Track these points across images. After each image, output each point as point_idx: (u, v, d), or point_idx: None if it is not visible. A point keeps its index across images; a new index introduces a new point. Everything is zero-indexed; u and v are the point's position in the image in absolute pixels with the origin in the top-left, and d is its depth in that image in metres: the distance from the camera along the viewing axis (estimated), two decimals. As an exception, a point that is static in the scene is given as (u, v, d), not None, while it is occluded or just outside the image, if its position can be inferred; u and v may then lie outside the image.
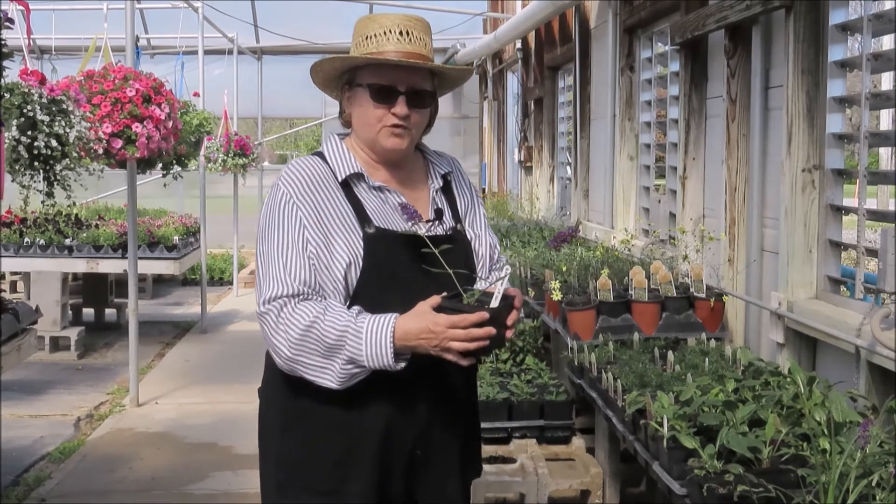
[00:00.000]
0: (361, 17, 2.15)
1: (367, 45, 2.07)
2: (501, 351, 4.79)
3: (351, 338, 1.93)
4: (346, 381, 1.97)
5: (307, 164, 2.11)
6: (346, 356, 1.94)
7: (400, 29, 2.07)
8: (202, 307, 8.53)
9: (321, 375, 1.98)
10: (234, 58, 10.54)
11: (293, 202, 2.04)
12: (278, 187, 2.08)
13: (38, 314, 4.65)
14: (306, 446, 2.10)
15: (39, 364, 6.93)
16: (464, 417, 2.26)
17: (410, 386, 2.07)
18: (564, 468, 3.86)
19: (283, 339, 1.97)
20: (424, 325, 1.92)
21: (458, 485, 2.25)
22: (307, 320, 1.95)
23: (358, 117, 2.12)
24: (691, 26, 4.02)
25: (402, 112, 2.07)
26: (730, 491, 2.11)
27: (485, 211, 2.36)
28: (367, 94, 2.08)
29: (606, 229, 5.63)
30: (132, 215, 5.94)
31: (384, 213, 2.09)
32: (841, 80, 3.14)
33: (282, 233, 2.03)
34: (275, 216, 2.05)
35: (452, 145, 12.62)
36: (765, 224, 3.55)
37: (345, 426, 2.07)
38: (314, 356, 1.96)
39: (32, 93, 3.71)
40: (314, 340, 1.95)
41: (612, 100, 5.58)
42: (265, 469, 2.21)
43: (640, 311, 3.67)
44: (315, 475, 2.09)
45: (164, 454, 5.00)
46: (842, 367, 2.89)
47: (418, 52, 2.07)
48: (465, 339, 1.92)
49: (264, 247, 2.05)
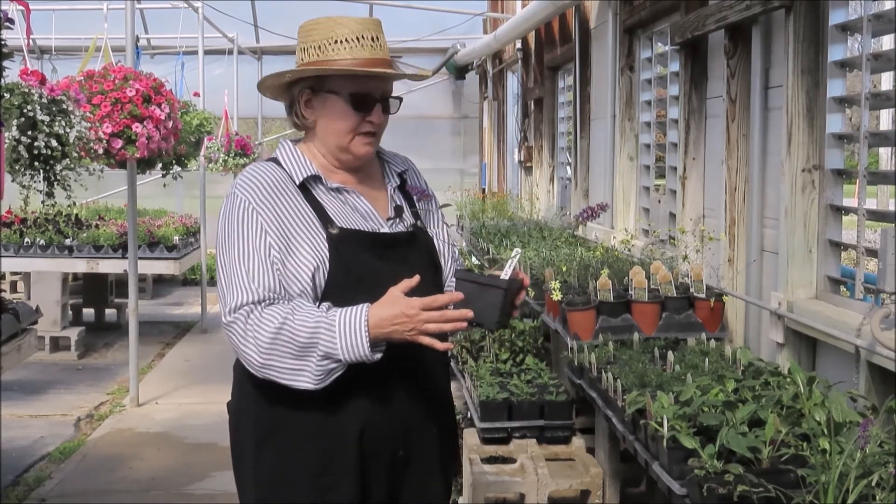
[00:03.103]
0: (315, 18, 2.09)
1: (336, 49, 2.02)
2: (502, 351, 4.79)
3: (324, 332, 1.89)
4: (323, 379, 1.92)
5: (263, 170, 2.07)
6: (321, 352, 1.90)
7: (371, 34, 2.04)
8: (202, 307, 8.54)
9: (297, 378, 1.92)
10: (234, 58, 10.55)
11: (252, 208, 1.99)
12: (235, 195, 2.03)
13: (38, 314, 4.65)
14: (284, 459, 2.05)
15: (39, 364, 6.94)
16: (442, 413, 2.23)
17: (386, 385, 2.04)
18: (564, 468, 3.86)
19: (252, 346, 1.92)
20: (398, 311, 1.89)
21: (441, 483, 2.24)
22: (276, 323, 1.90)
23: (327, 125, 2.08)
24: (691, 26, 4.02)
25: (379, 119, 2.07)
26: (730, 491, 2.11)
27: (441, 209, 2.34)
28: (342, 103, 2.04)
29: (606, 229, 5.63)
30: (132, 215, 5.94)
31: (345, 213, 2.07)
32: (841, 80, 3.14)
33: (243, 240, 1.98)
34: (234, 224, 2.00)
35: (452, 145, 12.61)
36: (765, 224, 3.55)
37: (323, 434, 2.02)
38: (287, 359, 1.91)
39: (32, 93, 3.71)
40: (285, 342, 1.90)
41: (612, 100, 5.58)
42: (242, 488, 2.15)
43: (640, 311, 3.67)
44: (295, 489, 2.04)
45: (164, 454, 5.00)
46: (842, 367, 2.89)
47: (387, 58, 2.07)
48: (439, 321, 1.89)
49: (225, 256, 2.00)
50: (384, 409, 2.06)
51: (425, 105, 11.81)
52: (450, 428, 2.30)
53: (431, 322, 1.89)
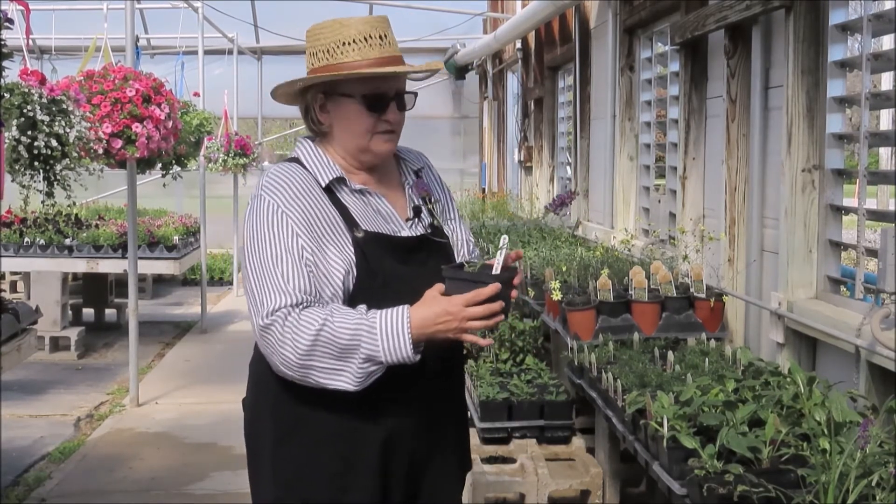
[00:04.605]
0: (322, 21, 2.08)
1: (345, 51, 2.02)
2: (502, 351, 4.79)
3: (365, 335, 1.87)
4: (363, 381, 1.91)
5: (289, 171, 2.04)
6: (363, 354, 1.88)
7: (378, 33, 2.04)
8: (202, 307, 8.54)
9: (336, 378, 1.90)
10: (234, 58, 10.54)
11: (281, 210, 1.97)
12: (262, 197, 2.00)
13: (38, 314, 4.65)
14: (303, 458, 2.04)
15: (39, 364, 6.93)
16: (458, 414, 2.24)
17: (409, 386, 2.03)
18: (564, 468, 3.86)
19: (290, 348, 1.89)
20: (441, 309, 1.88)
21: (457, 483, 2.25)
22: (316, 326, 1.87)
23: (344, 128, 2.07)
24: (691, 26, 4.02)
25: (395, 118, 2.06)
26: (730, 491, 2.11)
27: (456, 204, 2.34)
28: (356, 104, 2.04)
29: (606, 229, 5.63)
30: (132, 215, 5.94)
31: (368, 216, 2.06)
32: (841, 80, 3.14)
33: (274, 242, 1.94)
34: (264, 226, 1.96)
35: (452, 145, 12.61)
36: (765, 224, 3.55)
37: (345, 434, 2.02)
38: (328, 359, 1.89)
39: (32, 93, 3.71)
40: (325, 344, 1.87)
41: (612, 100, 5.58)
42: (259, 487, 2.14)
43: (640, 311, 3.67)
44: (314, 488, 2.04)
45: (164, 454, 5.00)
46: (842, 367, 2.89)
47: (398, 55, 2.06)
48: (484, 315, 1.88)
49: (255, 259, 1.95)
50: (406, 410, 2.06)
51: (425, 105, 11.69)
52: (465, 429, 2.30)
53: (476, 318, 1.88)
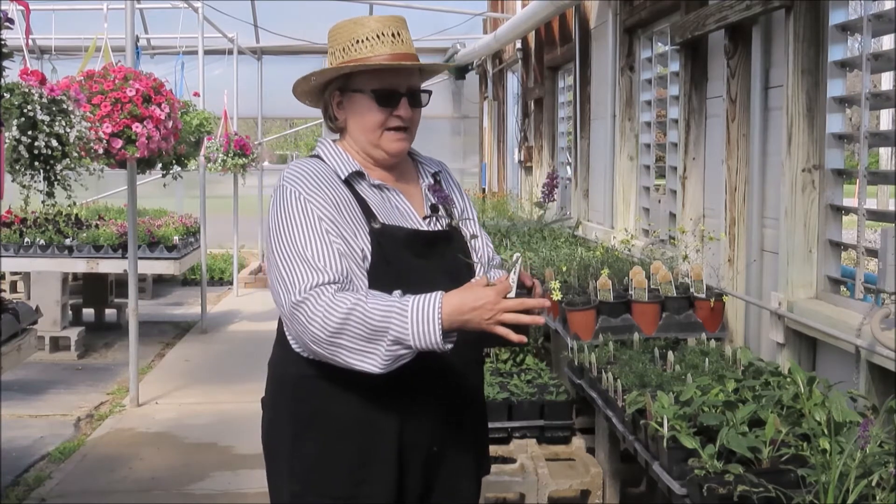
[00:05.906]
0: (340, 22, 2.11)
1: (358, 49, 2.06)
2: (502, 351, 4.79)
3: (396, 317, 1.86)
4: (390, 364, 1.89)
5: (309, 164, 2.10)
6: (391, 337, 1.86)
7: (391, 31, 2.07)
8: (202, 307, 8.53)
9: (363, 360, 1.88)
10: (234, 58, 10.54)
11: (304, 198, 2.00)
12: (284, 187, 2.04)
13: (38, 314, 4.65)
14: (320, 452, 2.06)
15: (39, 364, 6.93)
16: (475, 410, 2.25)
17: (426, 381, 2.04)
18: (564, 468, 3.86)
19: (319, 324, 1.88)
20: (478, 294, 1.87)
21: (473, 482, 2.25)
22: (348, 304, 1.87)
23: (357, 123, 2.11)
24: (691, 26, 4.02)
25: (407, 114, 2.09)
26: (730, 491, 2.11)
27: (476, 213, 2.36)
28: (367, 99, 2.07)
29: (606, 229, 5.63)
30: (132, 215, 5.94)
31: (385, 209, 2.09)
32: (841, 80, 3.14)
33: (301, 227, 1.97)
34: (289, 214, 1.99)
35: (452, 145, 12.61)
36: (765, 224, 3.55)
37: (362, 427, 2.03)
38: (357, 340, 1.87)
39: (32, 93, 3.72)
40: (356, 323, 1.86)
41: (612, 100, 5.58)
42: (276, 481, 2.16)
43: (640, 311, 3.67)
44: (331, 481, 2.05)
45: (164, 454, 5.00)
46: (842, 367, 2.89)
47: (411, 53, 2.09)
48: (519, 309, 1.87)
49: (285, 243, 1.97)
50: (423, 404, 2.07)
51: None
52: (483, 426, 2.31)
53: (510, 310, 1.87)
